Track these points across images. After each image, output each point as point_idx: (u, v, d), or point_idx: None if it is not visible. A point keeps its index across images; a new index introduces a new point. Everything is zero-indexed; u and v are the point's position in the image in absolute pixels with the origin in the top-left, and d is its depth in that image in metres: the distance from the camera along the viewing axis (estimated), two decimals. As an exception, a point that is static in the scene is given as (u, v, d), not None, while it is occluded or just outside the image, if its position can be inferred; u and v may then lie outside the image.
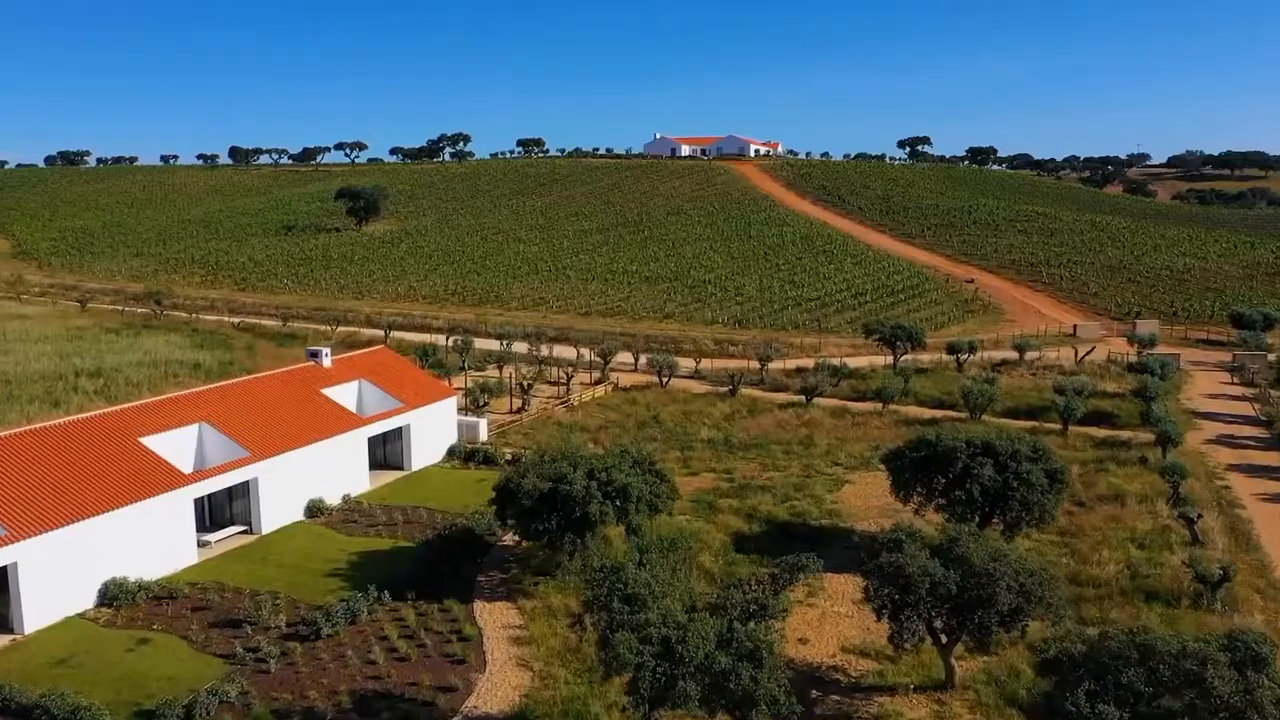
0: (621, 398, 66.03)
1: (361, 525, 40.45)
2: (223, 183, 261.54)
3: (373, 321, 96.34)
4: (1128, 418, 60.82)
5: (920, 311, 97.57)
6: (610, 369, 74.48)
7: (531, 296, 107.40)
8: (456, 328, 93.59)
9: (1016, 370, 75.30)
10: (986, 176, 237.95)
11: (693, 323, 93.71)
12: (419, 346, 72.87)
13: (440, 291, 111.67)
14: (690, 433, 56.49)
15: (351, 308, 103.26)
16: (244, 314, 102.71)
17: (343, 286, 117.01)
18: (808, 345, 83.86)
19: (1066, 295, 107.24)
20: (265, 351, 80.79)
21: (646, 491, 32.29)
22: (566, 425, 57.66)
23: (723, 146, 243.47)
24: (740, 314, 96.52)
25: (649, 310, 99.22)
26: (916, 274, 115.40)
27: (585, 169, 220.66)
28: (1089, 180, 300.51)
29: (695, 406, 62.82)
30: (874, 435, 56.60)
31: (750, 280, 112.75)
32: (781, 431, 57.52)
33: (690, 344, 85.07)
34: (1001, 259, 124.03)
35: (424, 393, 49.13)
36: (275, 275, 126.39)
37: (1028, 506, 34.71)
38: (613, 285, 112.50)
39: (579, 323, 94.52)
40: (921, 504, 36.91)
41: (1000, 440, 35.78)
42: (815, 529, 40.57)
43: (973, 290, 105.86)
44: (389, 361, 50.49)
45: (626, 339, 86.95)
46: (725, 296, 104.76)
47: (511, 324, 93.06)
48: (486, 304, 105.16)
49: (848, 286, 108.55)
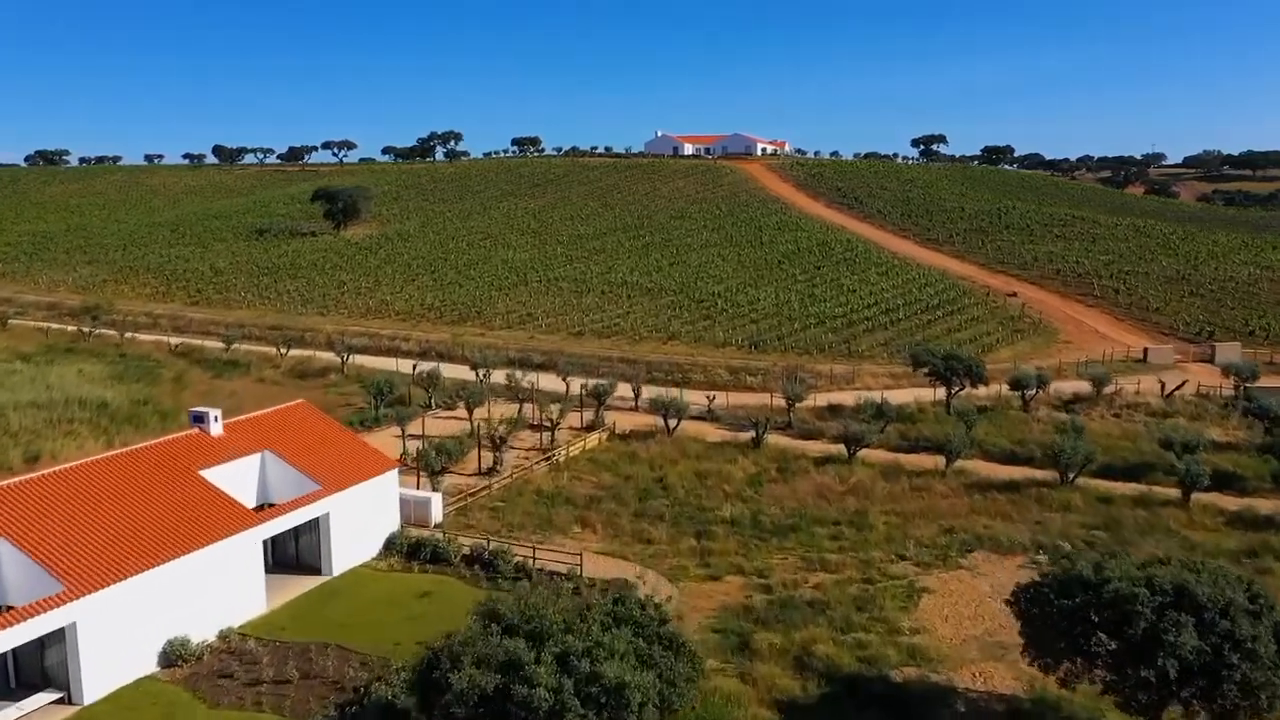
0: (619, 450, 53.47)
1: (238, 685, 27.83)
2: (204, 183, 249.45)
3: (333, 343, 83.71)
4: (1257, 480, 48.36)
5: (962, 332, 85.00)
6: (606, 405, 61.92)
7: (518, 312, 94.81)
8: (429, 351, 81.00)
9: (1094, 409, 62.75)
10: (1006, 177, 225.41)
11: (702, 345, 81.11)
12: (376, 381, 60.21)
13: (416, 306, 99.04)
14: (707, 507, 43.85)
15: (312, 326, 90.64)
16: (190, 333, 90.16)
17: (308, 300, 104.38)
18: (839, 375, 71.26)
19: (1124, 311, 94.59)
20: (197, 383, 68.26)
21: (653, 691, 19.67)
22: (548, 495, 45.06)
23: (728, 145, 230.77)
24: (756, 333, 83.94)
25: (651, 329, 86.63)
26: (951, 286, 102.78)
27: (582, 169, 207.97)
28: (1109, 181, 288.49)
29: (711, 464, 50.15)
30: (943, 509, 44.08)
31: (765, 293, 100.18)
32: (823, 503, 44.94)
33: (700, 372, 72.51)
34: (1043, 269, 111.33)
35: (353, 466, 36.55)
36: (235, 286, 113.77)
37: (1250, 690, 22.20)
38: (610, 298, 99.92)
39: (570, 345, 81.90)
40: (1072, 673, 24.30)
41: (1200, 582, 23.14)
42: (897, 688, 28.01)
43: (1019, 306, 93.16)
44: (307, 423, 37.81)
45: (625, 365, 74.48)
46: (737, 312, 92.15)
47: (492, 347, 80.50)
48: (467, 321, 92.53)
49: (876, 301, 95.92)
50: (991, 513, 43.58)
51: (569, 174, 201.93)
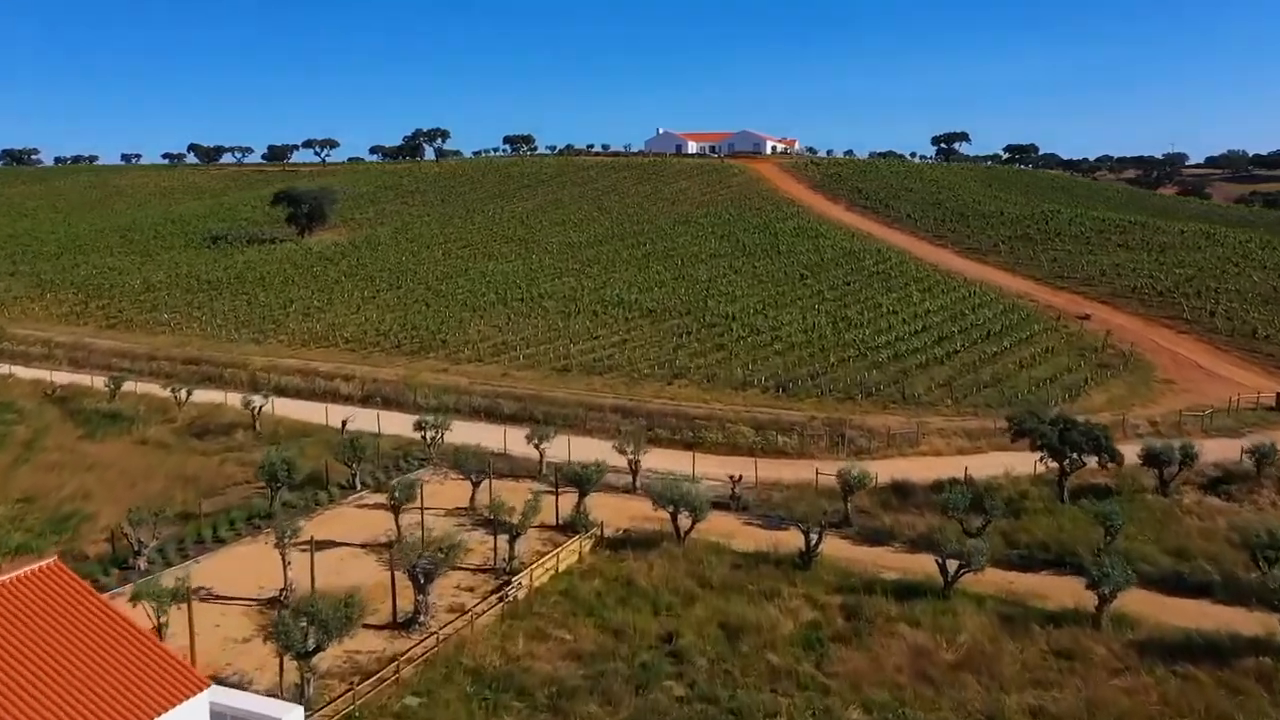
0: (608, 571, 36.88)
1: None
2: (177, 184, 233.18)
3: (257, 383, 67.31)
4: None
5: (1037, 367, 68.54)
6: (592, 485, 45.38)
7: (492, 340, 78.32)
8: (374, 395, 64.59)
9: (1259, 492, 46.18)
10: (1035, 178, 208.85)
11: (716, 387, 64.58)
12: (271, 459, 43.50)
13: (371, 331, 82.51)
14: (745, 707, 27.19)
15: (238, 359, 74.13)
16: (88, 367, 73.82)
17: (244, 323, 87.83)
18: (898, 433, 54.75)
19: (1225, 340, 78.00)
20: (55, 447, 51.77)
21: None
22: (492, 681, 28.43)
23: (734, 143, 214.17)
24: (783, 369, 67.48)
25: (652, 362, 70.13)
26: (1011, 307, 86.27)
27: (577, 169, 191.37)
28: (1137, 181, 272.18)
29: (745, 608, 33.39)
30: (1120, 705, 27.50)
31: (789, 315, 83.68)
32: (927, 688, 28.40)
33: (716, 429, 56.08)
34: (1113, 284, 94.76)
35: (116, 695, 20.00)
36: (166, 305, 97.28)
37: None
38: (603, 322, 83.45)
39: (553, 385, 65.41)
40: None
41: None
42: None
43: (1103, 334, 76.47)
44: (49, 616, 21.16)
45: (620, 416, 58.18)
46: (757, 341, 75.64)
47: (454, 390, 64.11)
48: (429, 351, 76.00)
49: (924, 325, 79.37)
50: (1201, 711, 27.13)
51: (562, 174, 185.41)
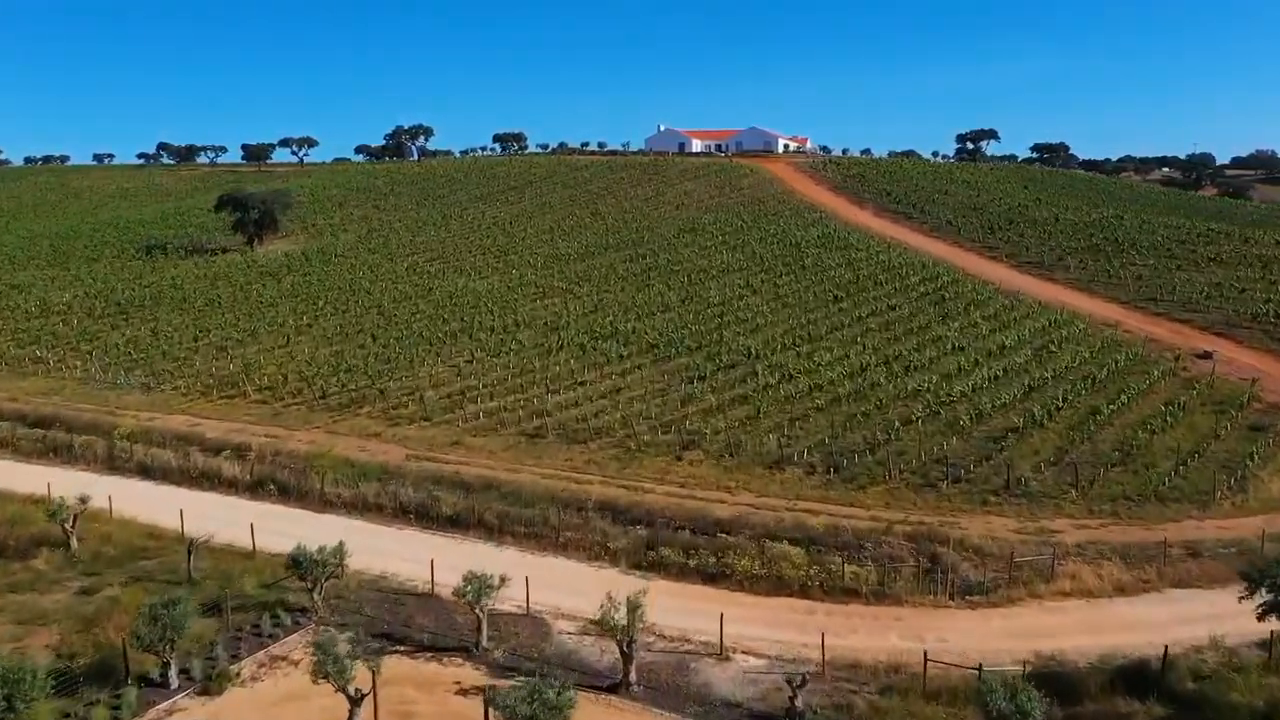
0: None
1: None
2: (141, 186, 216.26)
3: (115, 458, 49.45)
4: None
5: (1169, 432, 50.52)
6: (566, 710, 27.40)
7: (447, 390, 60.40)
8: (268, 479, 46.51)
9: None
10: (1071, 179, 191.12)
11: (741, 462, 46.61)
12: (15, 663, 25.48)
13: (293, 375, 64.55)
14: None
15: (107, 417, 56.22)
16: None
17: (140, 360, 69.91)
18: (1019, 557, 36.72)
19: (1397, 387, 60.04)
20: None
21: None
22: None
23: (743, 141, 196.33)
24: (829, 433, 49.50)
25: (655, 423, 52.15)
26: (1110, 343, 68.30)
27: (570, 169, 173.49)
28: (1174, 182, 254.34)
29: None
30: None
31: (827, 351, 65.79)
32: None
33: (749, 543, 38.14)
34: (1224, 311, 76.63)
35: None
36: (56, 334, 79.41)
37: None
38: (592, 360, 65.52)
39: (516, 465, 47.39)
40: None
41: None
42: None
43: (1249, 385, 58.12)
44: None
45: (609, 519, 40.45)
46: (792, 391, 57.66)
47: (381, 470, 46.19)
48: (363, 404, 58.07)
49: (1005, 368, 61.37)
50: None
51: (553, 175, 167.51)
